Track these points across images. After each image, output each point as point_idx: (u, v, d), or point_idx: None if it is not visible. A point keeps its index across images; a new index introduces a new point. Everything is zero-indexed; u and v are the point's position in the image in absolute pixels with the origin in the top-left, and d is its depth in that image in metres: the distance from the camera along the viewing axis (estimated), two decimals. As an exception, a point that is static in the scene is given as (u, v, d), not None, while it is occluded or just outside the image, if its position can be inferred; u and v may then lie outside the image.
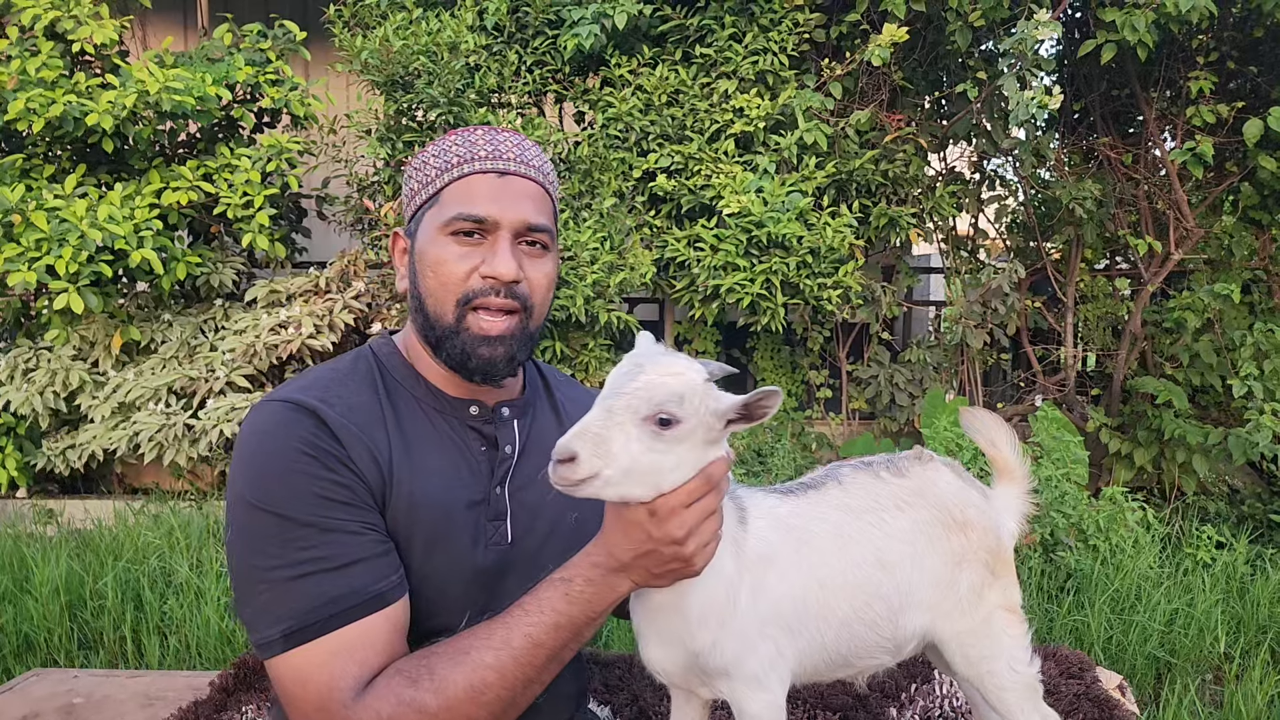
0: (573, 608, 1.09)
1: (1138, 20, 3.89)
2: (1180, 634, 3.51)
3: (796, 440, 5.30)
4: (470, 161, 1.21)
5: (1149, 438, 4.95)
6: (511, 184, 1.22)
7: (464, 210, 1.19)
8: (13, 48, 4.42)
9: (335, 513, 1.11)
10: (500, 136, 1.25)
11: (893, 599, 1.28)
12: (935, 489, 1.32)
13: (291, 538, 1.08)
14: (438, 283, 1.20)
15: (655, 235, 4.76)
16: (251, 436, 1.15)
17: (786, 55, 4.69)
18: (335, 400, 1.17)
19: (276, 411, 1.15)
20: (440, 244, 1.20)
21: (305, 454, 1.11)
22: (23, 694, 2.00)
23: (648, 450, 1.01)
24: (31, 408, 4.61)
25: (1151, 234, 5.06)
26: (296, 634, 1.08)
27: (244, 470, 1.13)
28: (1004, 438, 1.44)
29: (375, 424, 1.18)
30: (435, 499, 1.19)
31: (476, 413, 1.26)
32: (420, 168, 1.25)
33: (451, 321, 1.20)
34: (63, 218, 4.13)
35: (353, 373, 1.24)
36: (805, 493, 1.29)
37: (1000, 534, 1.36)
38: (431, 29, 4.41)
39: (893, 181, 4.91)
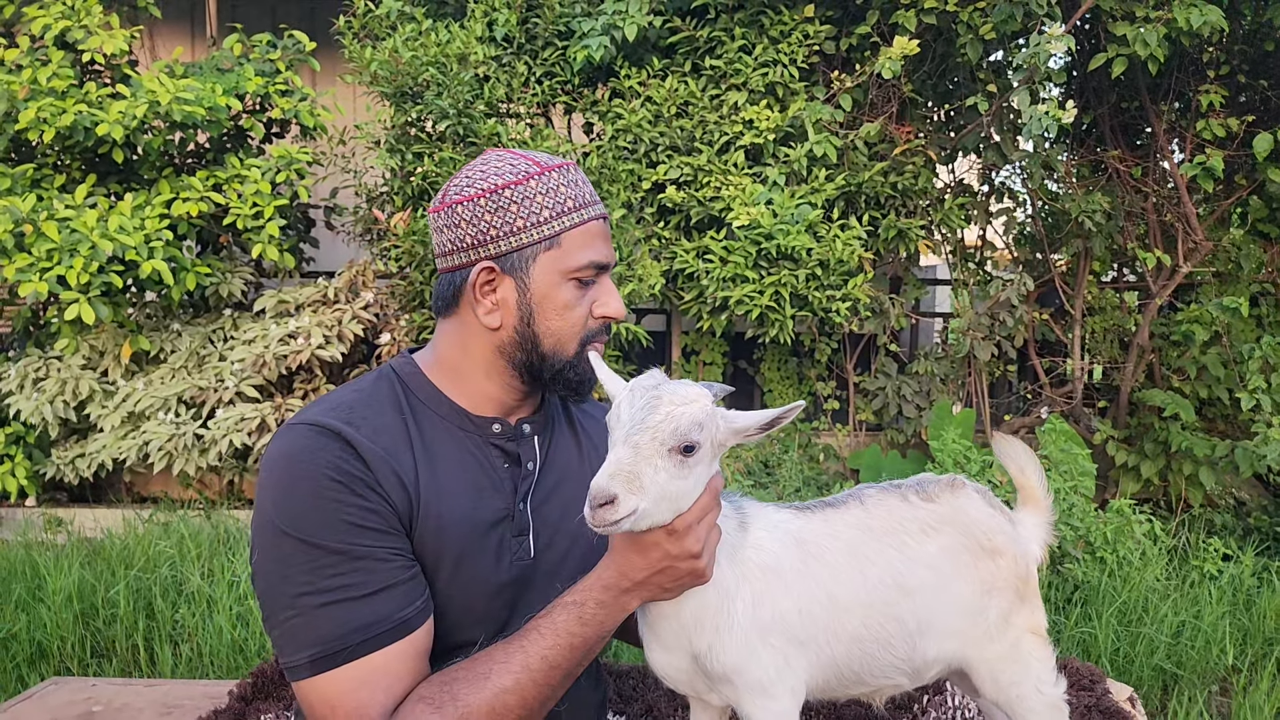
0: (586, 629, 1.15)
1: (1149, 35, 3.91)
2: (1187, 646, 3.52)
3: (804, 452, 5.31)
4: (585, 208, 1.25)
5: (1156, 450, 4.96)
6: (606, 225, 1.29)
7: (594, 259, 1.24)
8: (24, 57, 4.44)
9: (363, 539, 1.12)
10: (577, 175, 1.28)
11: (909, 622, 1.28)
12: (965, 516, 1.33)
13: (320, 565, 1.10)
14: (565, 324, 1.25)
15: (664, 246, 4.78)
16: (279, 461, 1.15)
17: (796, 67, 4.72)
18: (361, 423, 1.18)
19: (303, 435, 1.15)
20: (567, 289, 1.24)
21: (333, 480, 1.12)
22: (42, 702, 2.01)
23: (673, 479, 1.06)
24: (41, 417, 4.62)
25: (1160, 247, 5.07)
26: (323, 660, 1.10)
27: (271, 495, 1.14)
28: (1033, 466, 1.47)
29: (401, 445, 1.19)
30: (462, 517, 1.20)
31: (499, 430, 1.28)
32: (523, 203, 1.21)
33: (573, 356, 1.26)
34: (73, 228, 4.15)
35: (376, 393, 1.25)
36: (823, 510, 1.31)
37: (1028, 560, 1.38)
38: (441, 40, 4.43)
39: (902, 193, 4.93)
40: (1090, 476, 4.42)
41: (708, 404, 1.09)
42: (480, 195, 1.22)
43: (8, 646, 3.37)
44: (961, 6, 4.19)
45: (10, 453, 4.76)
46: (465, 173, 1.26)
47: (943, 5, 4.23)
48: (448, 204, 1.24)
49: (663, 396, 1.07)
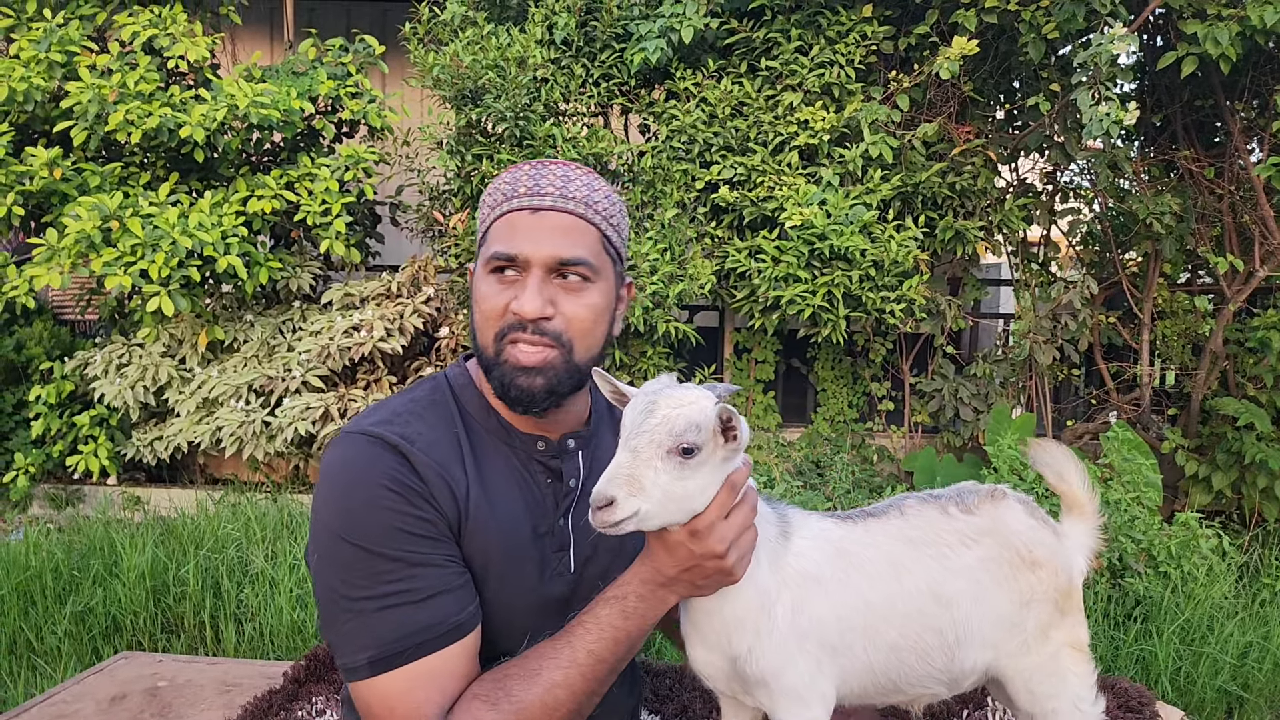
0: (628, 622, 1.17)
1: (1220, 33, 3.77)
2: (1254, 668, 3.39)
3: (856, 453, 5.27)
4: (510, 199, 1.24)
5: (1228, 461, 4.77)
6: (545, 219, 1.22)
7: (498, 249, 1.22)
8: (114, 62, 4.69)
9: (420, 547, 1.16)
10: (545, 170, 1.26)
11: (948, 633, 1.29)
12: (1006, 527, 1.32)
13: (378, 571, 1.14)
14: (481, 316, 1.24)
15: (717, 245, 4.79)
16: (337, 469, 1.19)
17: (853, 67, 4.67)
18: (416, 436, 1.21)
19: (362, 445, 1.18)
20: (485, 280, 1.24)
21: (390, 490, 1.15)
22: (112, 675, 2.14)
23: (675, 480, 1.07)
24: (123, 400, 4.89)
25: (1235, 249, 4.88)
26: (382, 662, 1.13)
27: (330, 502, 1.18)
28: (1073, 471, 1.42)
29: (453, 460, 1.22)
30: (507, 533, 1.24)
31: (543, 448, 1.30)
32: (480, 206, 1.30)
33: (493, 354, 1.23)
34: (156, 224, 4.37)
35: (431, 406, 1.27)
36: (864, 520, 1.32)
37: (1071, 572, 1.35)
38: (501, 44, 4.52)
39: (960, 194, 4.84)
40: (1155, 488, 4.28)
41: (707, 405, 1.09)
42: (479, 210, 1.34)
43: (85, 620, 3.59)
44: (1023, 6, 4.10)
45: (94, 434, 5.04)
46: None
47: (1004, 4, 4.14)
48: None
49: (659, 400, 1.09)
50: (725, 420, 1.09)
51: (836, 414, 5.39)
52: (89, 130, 4.59)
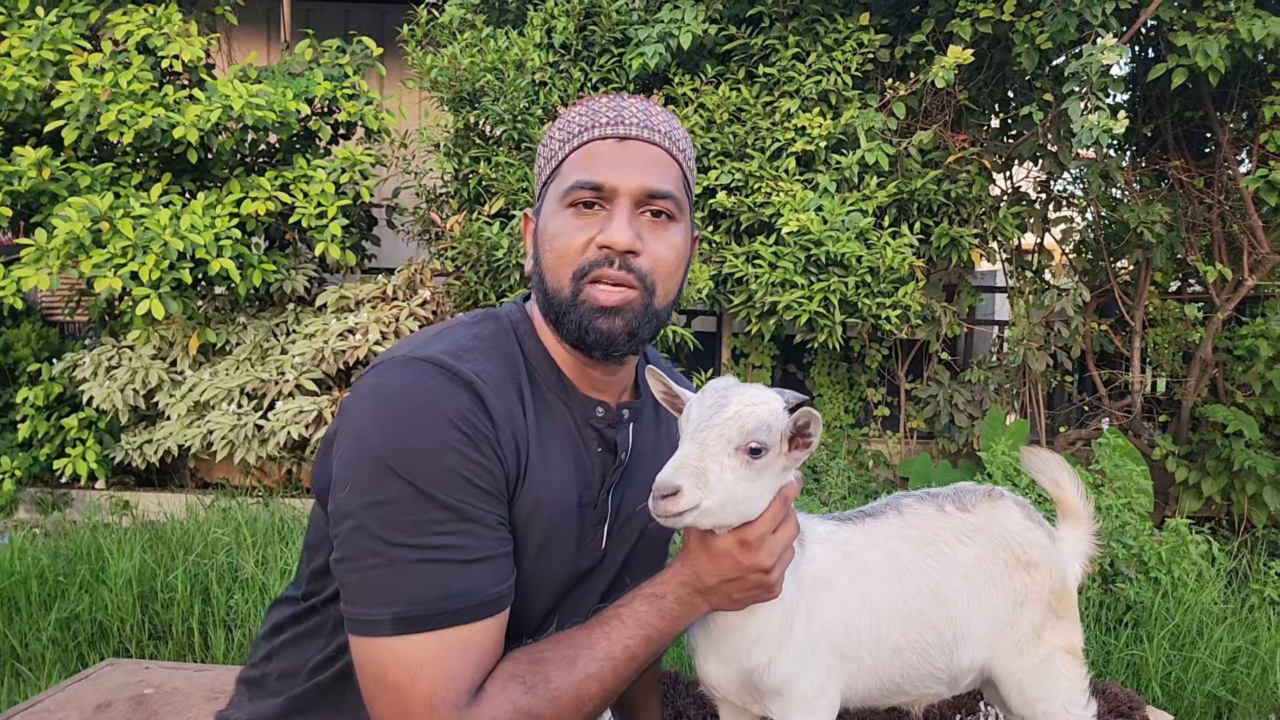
0: (663, 621, 1.12)
1: (1210, 46, 3.80)
2: (1243, 673, 3.41)
3: (853, 458, 5.27)
4: (591, 129, 1.15)
5: (1218, 467, 4.81)
6: (632, 149, 1.14)
7: (581, 178, 1.12)
8: (107, 61, 4.65)
9: (479, 501, 1.04)
10: (625, 102, 1.18)
11: (945, 631, 1.30)
12: (1000, 527, 1.34)
13: (427, 518, 1.01)
14: (555, 256, 1.14)
15: (714, 250, 4.79)
16: (399, 396, 1.04)
17: (850, 75, 4.69)
18: (488, 376, 1.09)
19: (430, 374, 1.05)
20: (560, 216, 1.14)
21: (460, 430, 1.03)
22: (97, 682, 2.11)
23: (740, 479, 1.05)
24: (112, 403, 4.84)
25: (1225, 258, 4.91)
26: (411, 621, 1.00)
27: (385, 428, 1.02)
28: (1067, 478, 1.44)
29: (518, 410, 1.11)
30: (556, 499, 1.14)
31: (603, 415, 1.21)
32: (546, 143, 1.20)
33: (568, 295, 1.13)
34: (147, 226, 4.33)
35: (496, 346, 1.15)
36: (864, 521, 1.33)
37: (1065, 576, 1.37)
38: (500, 47, 4.52)
39: (955, 201, 4.86)
40: (1146, 494, 4.30)
41: (777, 408, 1.07)
42: (539, 150, 1.23)
43: (70, 626, 3.55)
44: (1018, 16, 4.13)
45: (82, 436, 4.99)
46: None
47: (998, 15, 4.17)
48: None
49: (731, 396, 1.08)
50: (801, 425, 1.06)
51: (833, 419, 5.39)
52: (80, 130, 4.56)
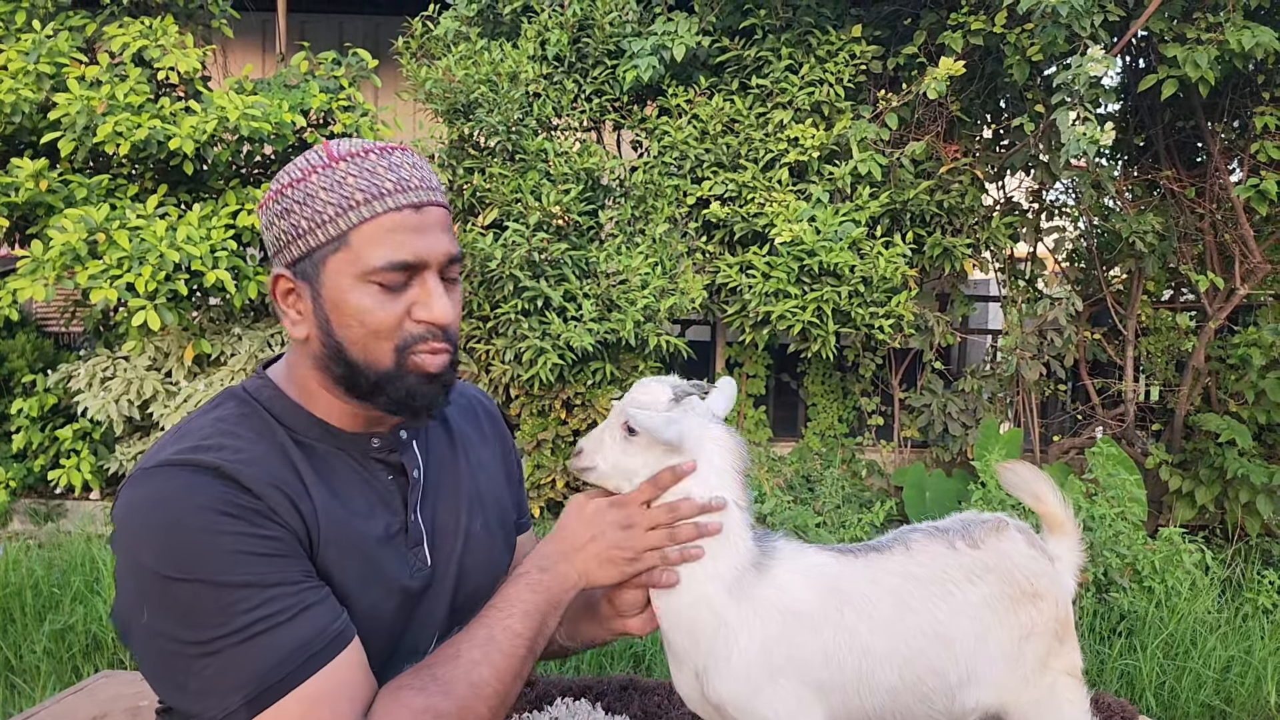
0: (536, 595, 1.18)
1: (1200, 57, 3.84)
2: (1236, 682, 3.42)
3: (847, 467, 5.28)
4: (381, 197, 1.06)
5: (1212, 476, 4.82)
6: (427, 215, 1.09)
7: (393, 258, 1.06)
8: (103, 73, 4.67)
9: (271, 567, 1.01)
10: (395, 158, 1.10)
11: (950, 674, 1.26)
12: (1009, 561, 1.30)
13: (228, 602, 0.97)
14: (367, 332, 1.08)
15: (708, 261, 4.82)
16: (154, 506, 1.00)
17: (843, 86, 4.72)
18: (234, 454, 1.04)
19: (174, 476, 1.01)
20: (362, 292, 1.07)
21: (225, 514, 0.99)
22: (91, 695, 2.10)
23: (622, 452, 1.24)
24: (107, 414, 4.84)
25: (1218, 267, 4.94)
26: (264, 694, 0.98)
27: (152, 545, 0.98)
28: (1047, 490, 1.39)
29: (286, 471, 1.08)
30: (359, 540, 1.11)
31: (379, 444, 1.18)
32: (305, 201, 1.07)
33: (392, 366, 1.10)
34: (143, 238, 4.34)
35: (241, 420, 1.10)
36: (866, 555, 1.30)
37: (1066, 599, 1.34)
38: (494, 59, 4.54)
39: (948, 211, 4.89)
40: (1139, 502, 4.32)
41: (660, 397, 1.25)
42: (271, 198, 1.09)
43: (65, 638, 3.54)
44: (1008, 28, 4.16)
45: (76, 448, 4.99)
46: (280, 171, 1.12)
47: (990, 27, 4.20)
48: (258, 207, 1.12)
49: (634, 387, 1.28)
50: (626, 422, 1.24)
51: (827, 428, 5.41)
52: (77, 142, 4.57)
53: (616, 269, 4.51)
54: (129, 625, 1.02)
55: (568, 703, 1.96)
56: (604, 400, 4.63)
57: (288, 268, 1.10)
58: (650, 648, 3.56)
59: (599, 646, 1.41)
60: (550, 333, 4.33)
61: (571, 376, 4.60)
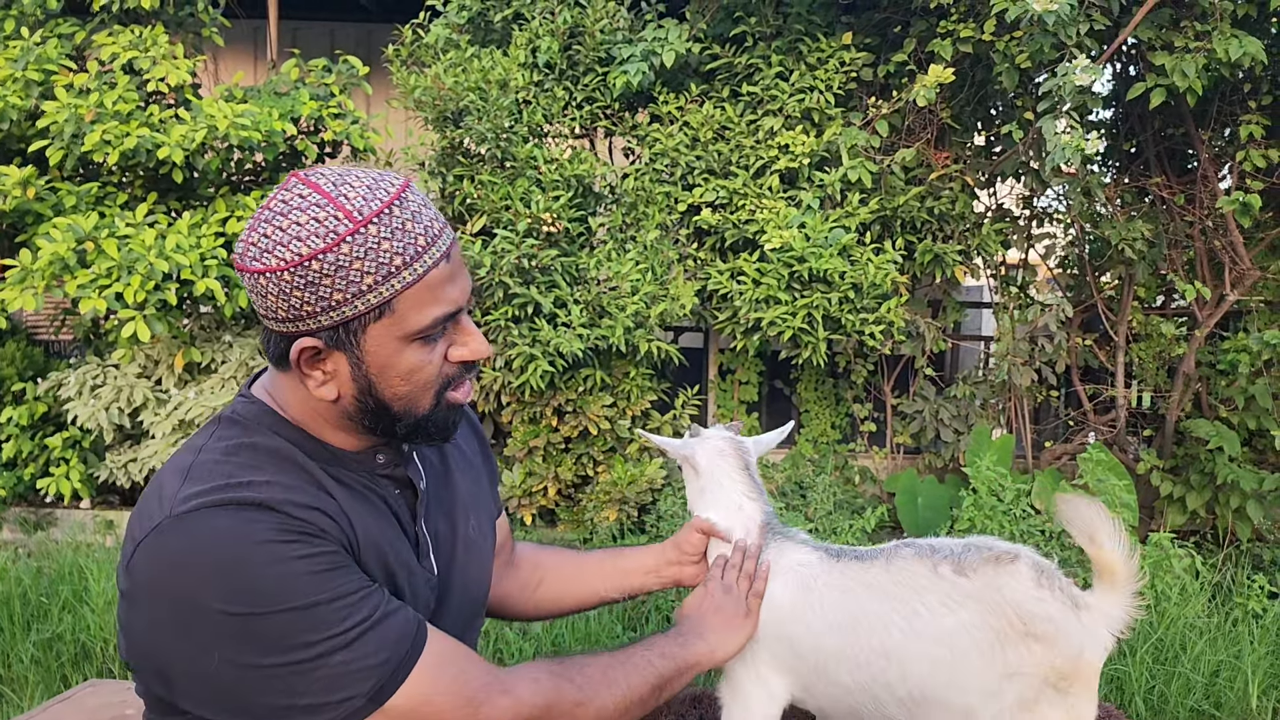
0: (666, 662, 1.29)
1: (1187, 66, 3.85)
2: (1226, 687, 3.43)
3: (839, 474, 5.29)
4: (418, 259, 1.04)
5: (1202, 481, 4.83)
6: (454, 258, 1.09)
7: (439, 314, 1.07)
8: (92, 81, 4.66)
9: (348, 579, 1.03)
10: (415, 207, 1.06)
11: (899, 689, 1.27)
12: (1000, 595, 1.25)
13: (323, 617, 0.98)
14: (413, 387, 1.10)
15: (699, 267, 4.82)
16: (209, 551, 0.97)
17: (833, 93, 4.73)
18: (265, 487, 1.03)
19: (218, 518, 0.98)
20: (410, 352, 1.08)
21: (285, 542, 0.99)
22: (79, 704, 2.10)
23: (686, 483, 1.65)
24: (97, 423, 4.83)
25: (1208, 273, 4.96)
26: (390, 678, 1.01)
27: (220, 589, 0.95)
28: (1106, 531, 1.27)
29: (319, 493, 1.08)
30: (388, 554, 1.14)
31: (384, 460, 1.18)
32: (334, 273, 1.00)
33: (429, 408, 1.13)
34: (131, 247, 4.33)
35: (253, 450, 1.08)
36: (846, 561, 1.35)
37: (1082, 649, 1.25)
38: (484, 67, 4.55)
39: (938, 218, 4.91)
40: (1129, 508, 4.32)
41: (687, 435, 1.63)
42: (284, 268, 1.00)
43: (53, 647, 3.53)
44: (998, 36, 4.18)
45: (66, 456, 4.97)
46: (266, 226, 1.01)
47: (979, 34, 4.22)
48: (251, 269, 1.02)
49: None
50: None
51: (820, 435, 5.41)
52: (65, 150, 4.56)
53: (607, 275, 4.51)
54: (185, 671, 0.99)
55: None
56: (595, 407, 4.63)
57: (312, 335, 1.04)
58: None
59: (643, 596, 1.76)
60: (540, 339, 4.33)
61: (562, 383, 4.60)
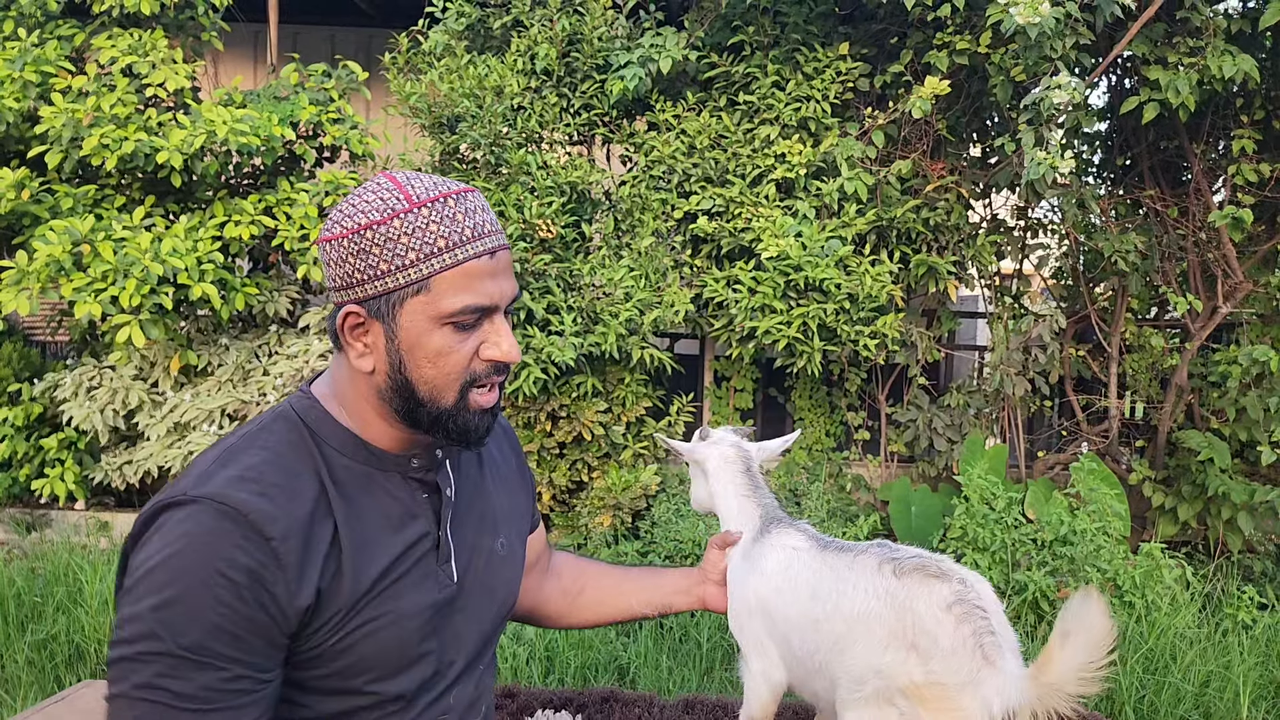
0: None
1: (1180, 83, 3.89)
2: (1215, 697, 3.44)
3: (833, 481, 5.31)
4: (460, 246, 1.12)
5: (1194, 492, 4.86)
6: (499, 260, 1.16)
7: (469, 302, 1.13)
8: (90, 85, 4.67)
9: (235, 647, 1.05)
10: (471, 204, 1.15)
11: (818, 656, 1.46)
12: (905, 603, 1.35)
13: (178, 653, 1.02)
14: (439, 372, 1.15)
15: (695, 275, 4.85)
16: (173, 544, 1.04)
17: (829, 103, 4.77)
18: (275, 491, 1.09)
19: (190, 518, 1.04)
20: (441, 334, 1.14)
21: (227, 578, 1.03)
22: (72, 705, 2.10)
23: (694, 484, 1.81)
24: (92, 424, 4.83)
25: (1200, 285, 5.00)
26: None
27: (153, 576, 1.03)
28: (1081, 639, 1.24)
29: (321, 511, 1.13)
30: (388, 562, 1.17)
31: (417, 464, 1.24)
32: (385, 244, 1.11)
33: (453, 403, 1.17)
34: (128, 250, 4.34)
35: (285, 450, 1.14)
36: (831, 550, 1.54)
37: (960, 688, 1.30)
38: (479, 74, 4.57)
39: (934, 229, 4.93)
40: (1121, 518, 4.35)
41: (697, 439, 1.77)
42: (345, 235, 1.11)
43: (48, 647, 3.53)
44: (993, 48, 4.22)
45: (61, 457, 4.97)
46: (342, 204, 1.15)
47: (974, 47, 4.26)
48: (323, 239, 1.14)
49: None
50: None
51: (814, 443, 5.43)
52: (64, 153, 4.57)
53: (601, 282, 4.53)
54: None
55: (549, 714, 1.97)
56: (589, 413, 4.64)
57: (357, 303, 1.13)
58: (635, 660, 3.57)
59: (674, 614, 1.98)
60: (533, 346, 4.34)
61: (556, 389, 4.62)
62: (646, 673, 3.45)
